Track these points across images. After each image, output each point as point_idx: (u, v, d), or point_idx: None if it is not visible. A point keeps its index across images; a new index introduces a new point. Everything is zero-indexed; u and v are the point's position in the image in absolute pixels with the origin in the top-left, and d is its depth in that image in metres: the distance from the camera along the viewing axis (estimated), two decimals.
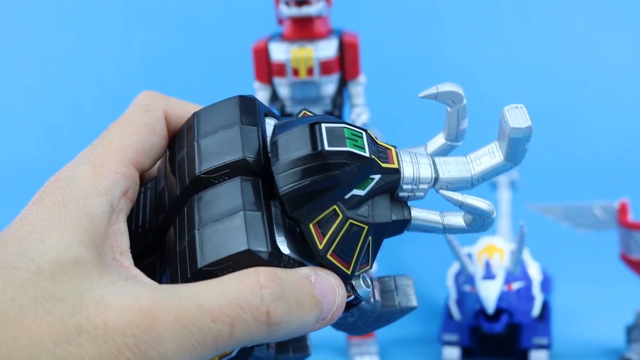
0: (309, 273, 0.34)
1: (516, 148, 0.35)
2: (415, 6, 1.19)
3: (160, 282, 0.35)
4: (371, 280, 0.39)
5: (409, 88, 0.97)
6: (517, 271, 0.74)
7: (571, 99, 1.17)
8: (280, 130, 0.35)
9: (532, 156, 1.23)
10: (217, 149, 0.35)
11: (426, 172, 0.36)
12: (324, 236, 0.34)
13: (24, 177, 1.12)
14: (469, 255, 0.77)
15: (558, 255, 0.93)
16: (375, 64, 0.81)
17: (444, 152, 0.39)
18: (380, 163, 0.35)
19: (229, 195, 0.34)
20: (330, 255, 0.34)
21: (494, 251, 0.77)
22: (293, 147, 0.34)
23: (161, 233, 0.37)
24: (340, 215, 0.34)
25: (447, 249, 0.74)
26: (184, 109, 0.39)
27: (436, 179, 0.36)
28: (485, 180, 0.37)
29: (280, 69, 0.74)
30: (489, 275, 0.72)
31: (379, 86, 0.93)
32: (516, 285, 0.73)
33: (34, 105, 1.22)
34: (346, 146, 0.34)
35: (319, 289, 0.34)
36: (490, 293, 0.71)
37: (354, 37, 0.75)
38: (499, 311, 0.72)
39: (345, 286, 0.36)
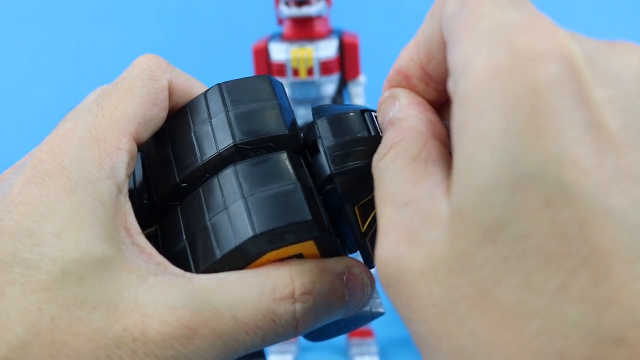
0: (343, 271, 0.33)
1: None
2: (415, 6, 1.19)
3: (168, 256, 0.33)
4: None
5: None
6: None
7: None
8: (324, 112, 0.35)
9: None
10: (256, 121, 0.34)
11: None
12: (365, 221, 0.34)
13: None
14: None
15: None
16: (375, 64, 0.81)
17: None
18: None
19: (278, 167, 0.33)
20: (369, 241, 0.34)
21: None
22: (347, 129, 0.34)
23: (163, 206, 0.35)
24: None
25: None
26: (188, 82, 0.37)
27: None
28: None
29: (280, 69, 0.74)
30: None
31: (379, 86, 0.93)
32: None
33: (33, 105, 1.22)
34: None
35: (350, 288, 0.33)
36: None
37: (354, 37, 0.76)
38: None
39: None
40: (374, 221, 0.34)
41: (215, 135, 0.34)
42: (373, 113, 0.35)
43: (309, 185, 0.33)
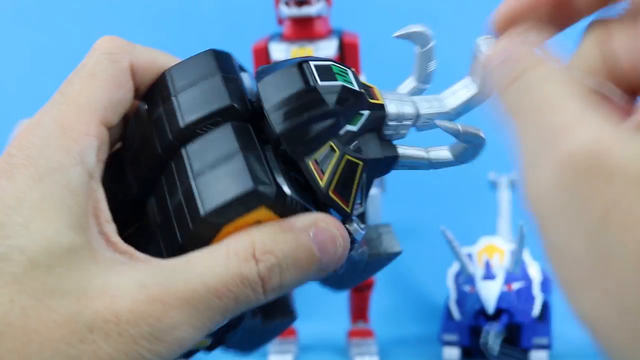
0: (308, 225, 0.33)
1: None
2: (415, 6, 1.19)
3: (146, 252, 0.34)
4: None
5: None
6: (517, 271, 0.74)
7: None
8: (265, 73, 0.34)
9: None
10: (200, 99, 0.34)
11: (409, 109, 0.36)
12: (323, 173, 0.33)
13: None
14: (469, 255, 0.77)
15: None
16: (375, 64, 0.81)
17: (414, 94, 0.38)
18: (368, 99, 0.35)
19: (223, 140, 0.33)
20: (332, 192, 0.34)
21: (494, 251, 0.77)
22: (284, 86, 0.33)
23: (140, 200, 0.36)
24: (337, 151, 0.34)
25: (447, 249, 0.74)
26: (150, 58, 0.36)
27: (417, 116, 0.36)
28: (463, 114, 0.37)
29: None
30: (489, 275, 0.72)
31: (379, 86, 0.93)
32: (516, 286, 0.73)
33: (33, 104, 1.22)
34: (337, 80, 0.34)
35: (318, 242, 0.33)
36: (490, 293, 0.71)
37: (354, 37, 0.75)
38: (499, 311, 0.72)
39: None
40: (333, 172, 0.33)
41: (168, 122, 0.34)
42: (312, 62, 0.34)
43: (255, 152, 0.33)
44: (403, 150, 0.37)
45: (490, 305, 0.71)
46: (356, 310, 0.81)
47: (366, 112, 0.35)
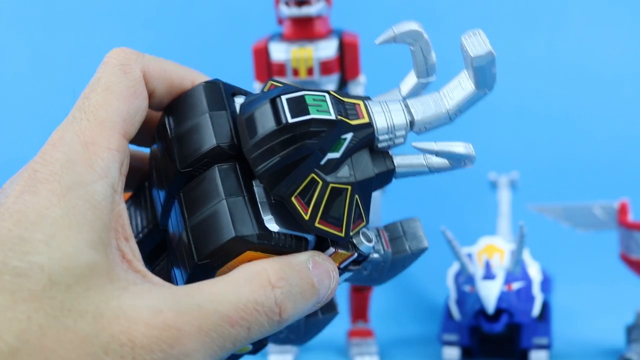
0: (307, 260, 0.34)
1: (483, 75, 0.35)
2: (415, 6, 1.19)
3: (170, 276, 0.36)
4: (378, 231, 0.39)
5: None
6: (517, 271, 0.74)
7: (571, 98, 1.17)
8: (244, 110, 0.35)
9: (532, 156, 1.23)
10: (192, 141, 0.35)
11: (400, 119, 0.36)
12: (307, 206, 0.34)
13: None
14: (469, 255, 0.77)
15: (558, 255, 0.93)
16: (375, 64, 0.81)
17: (419, 90, 0.38)
18: (349, 121, 0.34)
19: (209, 186, 0.34)
20: (319, 223, 0.34)
21: (494, 251, 0.77)
22: (258, 126, 0.33)
23: (164, 229, 0.38)
24: (320, 182, 0.34)
25: (447, 249, 0.74)
26: (160, 67, 0.37)
27: (412, 122, 0.36)
28: (462, 113, 0.36)
29: (280, 69, 0.74)
30: (489, 275, 0.72)
31: (379, 86, 0.93)
32: (516, 285, 0.73)
33: (32, 104, 1.22)
34: (309, 114, 0.33)
35: (316, 275, 0.34)
36: (490, 293, 0.71)
37: (354, 37, 0.75)
38: (499, 311, 0.72)
39: (347, 246, 0.36)
40: (318, 204, 0.34)
41: (168, 163, 0.36)
42: (284, 97, 0.34)
43: (238, 196, 0.34)
44: (400, 160, 0.37)
45: (490, 305, 0.71)
46: (356, 310, 0.81)
47: (349, 135, 0.34)
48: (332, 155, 0.34)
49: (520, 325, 0.74)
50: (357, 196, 0.35)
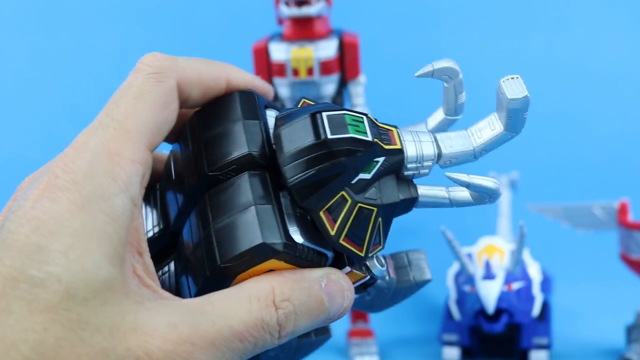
0: (321, 277, 0.34)
1: (515, 118, 0.36)
2: (415, 6, 1.19)
3: (178, 283, 0.36)
4: (385, 258, 0.39)
5: (409, 88, 0.97)
6: (517, 271, 0.74)
7: (571, 98, 1.17)
8: (282, 122, 0.35)
9: (532, 156, 1.23)
10: (223, 146, 0.36)
11: (429, 150, 0.36)
12: (335, 222, 0.34)
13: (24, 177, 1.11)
14: (469, 255, 0.77)
15: (558, 255, 0.93)
16: (375, 64, 0.81)
17: (444, 126, 0.39)
18: (383, 145, 0.35)
19: (239, 191, 0.35)
20: (343, 240, 0.35)
21: (494, 251, 0.77)
22: (297, 138, 0.34)
23: (175, 233, 0.38)
24: (349, 200, 0.35)
25: (447, 249, 0.74)
26: (195, 72, 0.36)
27: (439, 155, 0.37)
28: (487, 152, 0.37)
29: (280, 69, 0.74)
30: (489, 275, 0.72)
31: (379, 86, 0.93)
32: (516, 286, 0.73)
33: (32, 105, 1.22)
34: (349, 132, 0.34)
35: (328, 293, 0.34)
36: (490, 293, 0.71)
37: (354, 37, 0.75)
38: (499, 311, 0.72)
39: (360, 267, 0.37)
40: (345, 221, 0.34)
41: (195, 164, 0.36)
42: (325, 113, 0.34)
43: (268, 204, 0.34)
44: (424, 190, 0.37)
45: (490, 305, 0.71)
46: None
47: (381, 159, 0.35)
48: (363, 176, 0.35)
49: (520, 325, 0.74)
50: (380, 219, 0.36)
